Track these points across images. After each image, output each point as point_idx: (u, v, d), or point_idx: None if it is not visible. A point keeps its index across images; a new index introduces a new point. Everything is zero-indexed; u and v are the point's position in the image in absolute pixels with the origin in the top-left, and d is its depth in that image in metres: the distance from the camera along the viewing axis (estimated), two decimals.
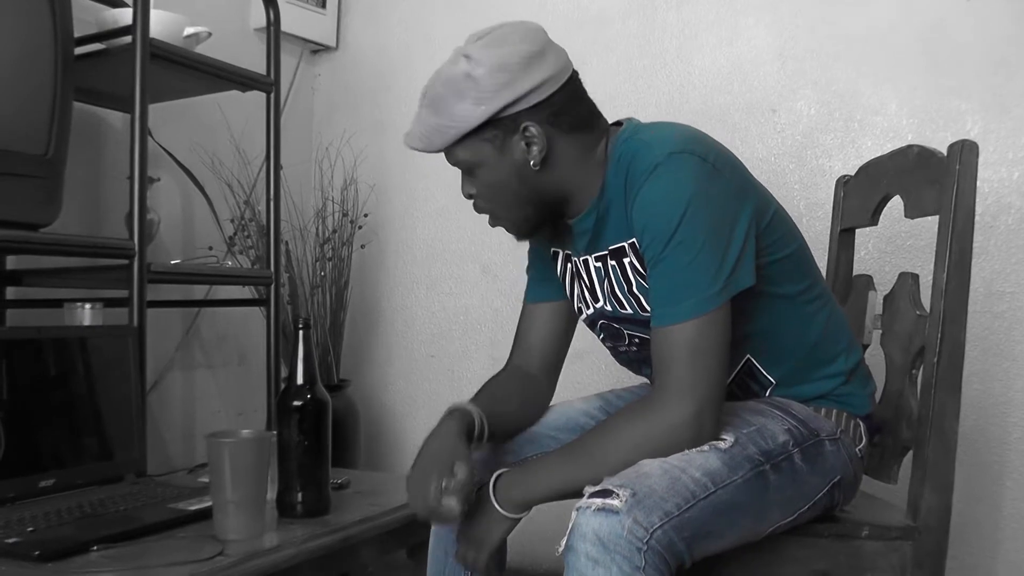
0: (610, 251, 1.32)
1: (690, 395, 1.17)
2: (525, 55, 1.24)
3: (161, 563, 1.26)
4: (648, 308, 1.29)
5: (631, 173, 1.25)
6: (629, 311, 1.34)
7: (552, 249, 1.48)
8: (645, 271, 1.27)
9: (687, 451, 1.17)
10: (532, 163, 1.28)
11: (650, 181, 1.21)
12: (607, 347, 1.48)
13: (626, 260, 1.30)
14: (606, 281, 1.35)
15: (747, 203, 1.24)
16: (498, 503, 1.25)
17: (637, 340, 1.38)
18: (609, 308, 1.37)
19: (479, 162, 1.29)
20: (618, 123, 1.37)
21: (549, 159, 1.29)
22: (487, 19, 1.31)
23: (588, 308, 1.42)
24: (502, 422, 1.41)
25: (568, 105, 1.29)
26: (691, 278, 1.18)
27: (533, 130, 1.26)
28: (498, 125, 1.26)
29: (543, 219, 1.35)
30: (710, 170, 1.21)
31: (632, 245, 1.28)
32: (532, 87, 1.24)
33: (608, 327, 1.41)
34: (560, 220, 1.37)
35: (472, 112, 1.24)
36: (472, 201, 1.36)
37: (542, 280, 1.52)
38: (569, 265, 1.44)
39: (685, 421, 1.17)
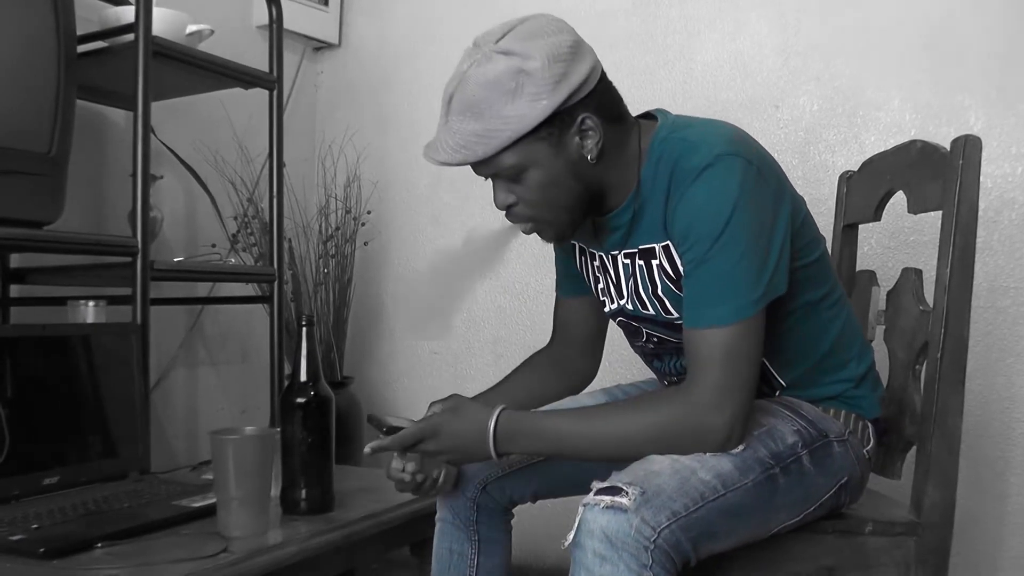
0: (640, 250, 1.30)
1: (726, 402, 1.15)
2: (571, 44, 1.19)
3: (165, 560, 1.26)
4: (671, 311, 1.28)
5: (676, 173, 1.21)
6: (651, 312, 1.32)
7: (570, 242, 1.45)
8: (674, 275, 1.25)
9: None
10: (589, 157, 1.22)
11: (697, 183, 1.18)
12: (625, 337, 1.47)
13: (654, 262, 1.28)
14: (632, 280, 1.33)
15: (784, 208, 1.22)
16: (495, 440, 1.21)
17: (655, 339, 1.37)
18: (630, 307, 1.35)
19: (531, 164, 1.21)
20: (646, 115, 1.33)
21: (602, 152, 1.23)
22: (491, 16, 1.29)
23: (612, 303, 1.39)
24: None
25: (609, 95, 1.25)
26: (733, 282, 1.16)
27: (590, 122, 1.20)
28: (554, 121, 1.18)
29: (584, 218, 1.30)
30: (755, 173, 1.19)
31: (665, 248, 1.26)
32: (585, 76, 1.19)
33: (627, 324, 1.40)
34: (593, 216, 1.33)
35: (530, 110, 1.16)
36: (509, 210, 1.28)
37: (571, 275, 1.50)
38: (592, 260, 1.42)
39: (717, 427, 1.15)
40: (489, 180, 1.28)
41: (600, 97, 1.22)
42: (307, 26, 2.71)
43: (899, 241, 2.07)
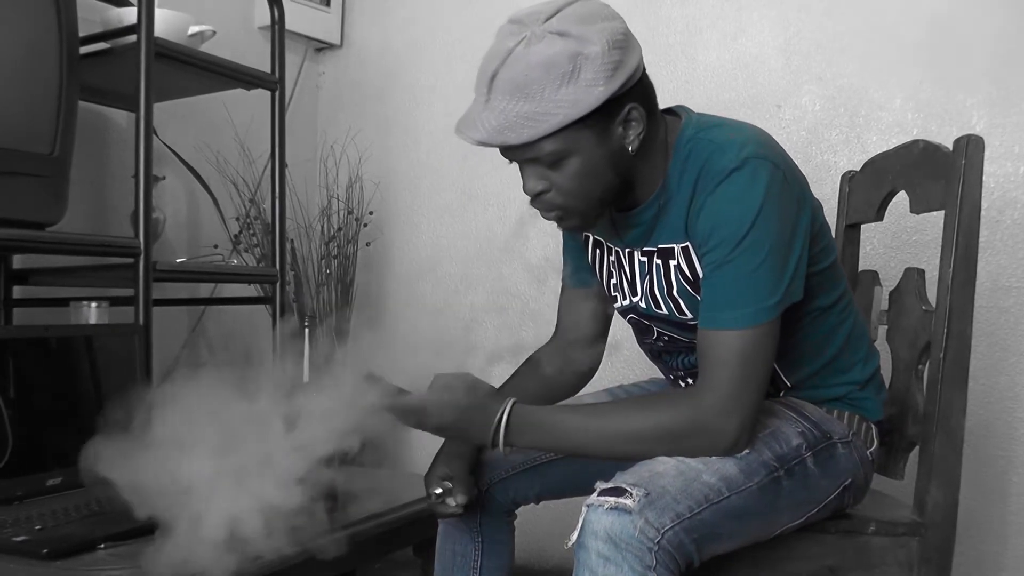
0: (659, 249, 1.29)
1: (738, 407, 1.15)
2: (624, 31, 1.16)
3: (167, 561, 1.26)
4: (685, 312, 1.28)
5: (703, 175, 1.20)
6: (664, 312, 1.31)
7: (583, 234, 1.43)
8: (691, 277, 1.25)
9: None
10: (630, 148, 1.19)
11: (724, 185, 1.17)
12: (634, 334, 1.46)
13: (672, 262, 1.27)
14: (647, 278, 1.32)
15: (805, 214, 1.22)
16: (506, 431, 1.19)
17: (666, 338, 1.36)
18: (644, 305, 1.34)
19: (573, 151, 1.17)
20: (669, 110, 1.31)
21: (641, 144, 1.21)
22: (492, 16, 1.28)
23: (624, 299, 1.38)
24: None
25: (650, 87, 1.23)
26: (753, 286, 1.16)
27: (636, 112, 1.18)
28: (603, 109, 1.14)
29: (608, 209, 1.28)
30: (781, 178, 1.18)
31: (684, 249, 1.25)
32: (636, 65, 1.17)
33: (638, 322, 1.39)
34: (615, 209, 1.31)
35: (585, 96, 1.12)
36: (538, 196, 1.22)
37: (580, 266, 1.48)
38: (606, 254, 1.40)
39: (726, 432, 1.15)
40: (513, 165, 1.23)
41: (644, 88, 1.21)
42: (309, 27, 2.71)
43: (901, 241, 2.07)
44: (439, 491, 1.34)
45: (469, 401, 1.20)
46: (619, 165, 1.21)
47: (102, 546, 1.31)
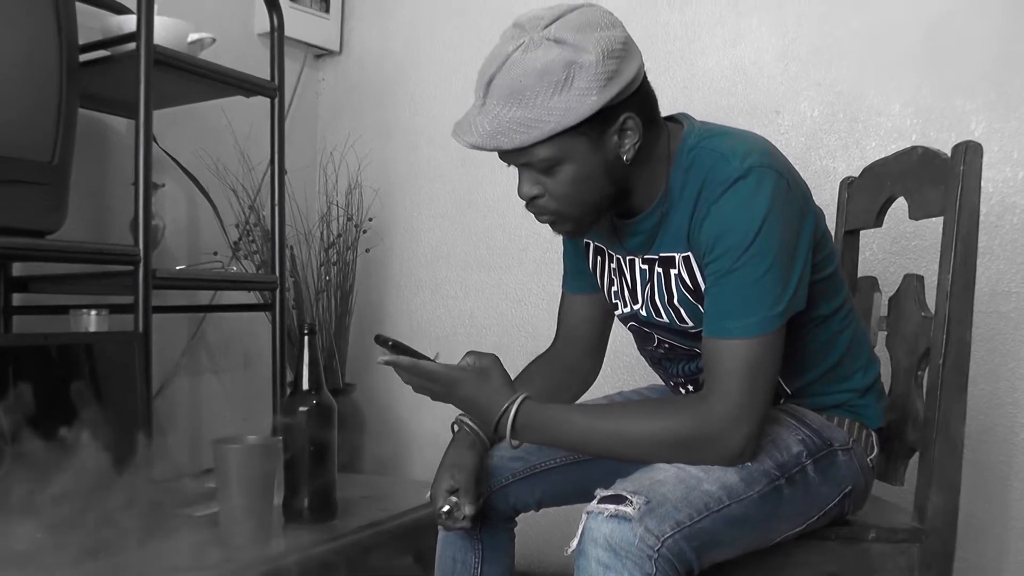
0: (660, 258, 1.29)
1: (745, 418, 1.15)
2: (623, 40, 1.17)
3: (167, 569, 1.26)
4: (686, 320, 1.28)
5: (707, 184, 1.20)
6: (665, 320, 1.31)
7: (584, 240, 1.44)
8: (692, 286, 1.25)
9: None
10: (625, 158, 1.20)
11: (729, 194, 1.17)
12: (635, 341, 1.46)
13: (673, 271, 1.27)
14: (648, 286, 1.32)
15: (808, 222, 1.22)
16: (513, 426, 1.21)
17: (667, 345, 1.36)
18: (644, 313, 1.34)
19: (566, 158, 1.18)
20: (671, 118, 1.31)
21: (636, 153, 1.21)
22: (492, 20, 1.29)
23: (625, 306, 1.38)
24: None
25: (650, 96, 1.24)
26: (759, 295, 1.16)
27: (631, 122, 1.18)
28: (597, 118, 1.15)
29: (604, 216, 1.28)
30: (785, 187, 1.18)
31: (685, 259, 1.25)
32: (634, 75, 1.17)
33: (639, 329, 1.39)
34: (610, 215, 1.31)
35: (578, 104, 1.13)
36: (532, 201, 1.24)
37: (579, 271, 1.48)
38: (607, 261, 1.40)
39: (734, 442, 1.15)
40: (512, 168, 1.24)
41: (643, 98, 1.21)
42: (308, 33, 2.72)
43: (900, 247, 2.07)
44: (447, 508, 1.33)
45: (481, 389, 1.22)
46: (614, 173, 1.21)
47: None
